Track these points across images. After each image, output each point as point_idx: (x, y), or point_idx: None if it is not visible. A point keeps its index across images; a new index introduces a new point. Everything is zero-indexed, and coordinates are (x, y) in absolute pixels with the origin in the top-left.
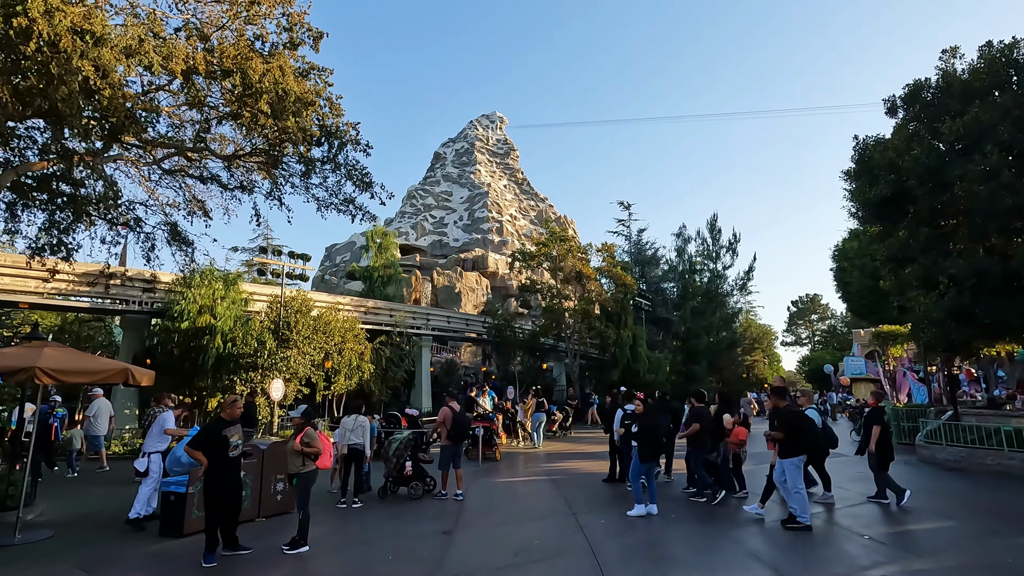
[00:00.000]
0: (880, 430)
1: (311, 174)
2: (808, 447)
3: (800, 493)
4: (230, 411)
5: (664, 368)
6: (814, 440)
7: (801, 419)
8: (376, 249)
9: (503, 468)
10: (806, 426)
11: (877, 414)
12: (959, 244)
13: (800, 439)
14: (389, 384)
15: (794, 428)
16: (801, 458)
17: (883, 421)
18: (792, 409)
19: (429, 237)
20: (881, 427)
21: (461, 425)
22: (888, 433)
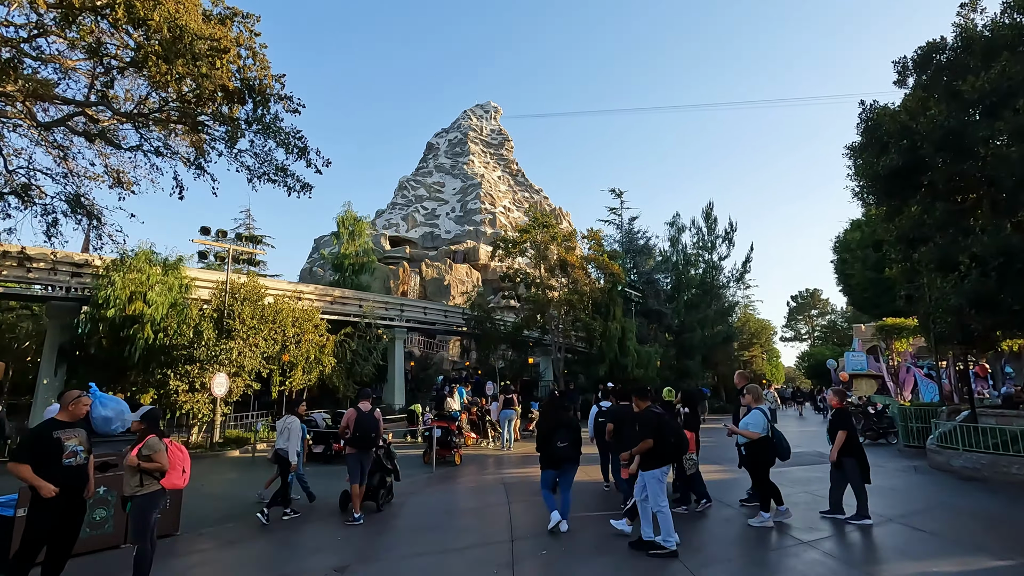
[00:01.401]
0: (847, 435)
1: (237, 137)
2: (673, 454)
3: (663, 512)
4: (72, 409)
5: (654, 363)
6: (679, 447)
7: (665, 423)
8: (347, 235)
9: (458, 475)
10: (673, 431)
11: (843, 417)
12: (982, 220)
13: (664, 447)
14: (356, 379)
15: (658, 434)
16: (664, 470)
17: (851, 424)
18: (653, 411)
19: (420, 229)
20: (849, 432)
21: (364, 429)
22: (856, 438)
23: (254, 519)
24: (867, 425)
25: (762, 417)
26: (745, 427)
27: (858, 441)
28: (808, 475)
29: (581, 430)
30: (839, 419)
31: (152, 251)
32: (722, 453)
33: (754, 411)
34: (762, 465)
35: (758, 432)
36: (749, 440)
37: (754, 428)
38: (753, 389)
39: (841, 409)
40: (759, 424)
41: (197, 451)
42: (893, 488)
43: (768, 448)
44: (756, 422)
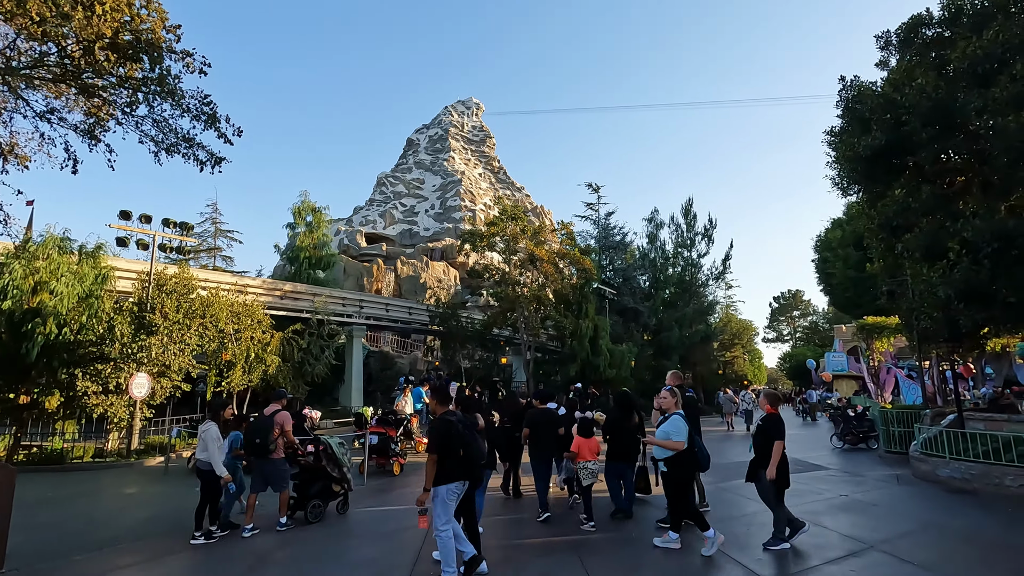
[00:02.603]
0: (782, 447)
1: (136, 103)
2: (469, 470)
3: (442, 538)
4: None
5: (628, 362)
6: (472, 461)
7: (458, 434)
8: (304, 227)
9: (390, 488)
10: (466, 443)
11: (775, 424)
12: (972, 204)
13: (452, 461)
14: (307, 379)
15: (444, 446)
16: (451, 487)
17: (783, 433)
18: (446, 419)
19: (398, 226)
20: (784, 443)
21: (248, 433)
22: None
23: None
24: (847, 429)
25: (683, 424)
26: (665, 436)
27: (784, 454)
28: None
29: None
30: (771, 427)
31: (66, 238)
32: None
33: (673, 417)
34: (683, 483)
35: (681, 442)
36: (671, 452)
37: (676, 437)
38: (675, 391)
39: (773, 415)
40: (681, 432)
41: (106, 460)
42: (875, 504)
43: (690, 461)
44: (677, 430)
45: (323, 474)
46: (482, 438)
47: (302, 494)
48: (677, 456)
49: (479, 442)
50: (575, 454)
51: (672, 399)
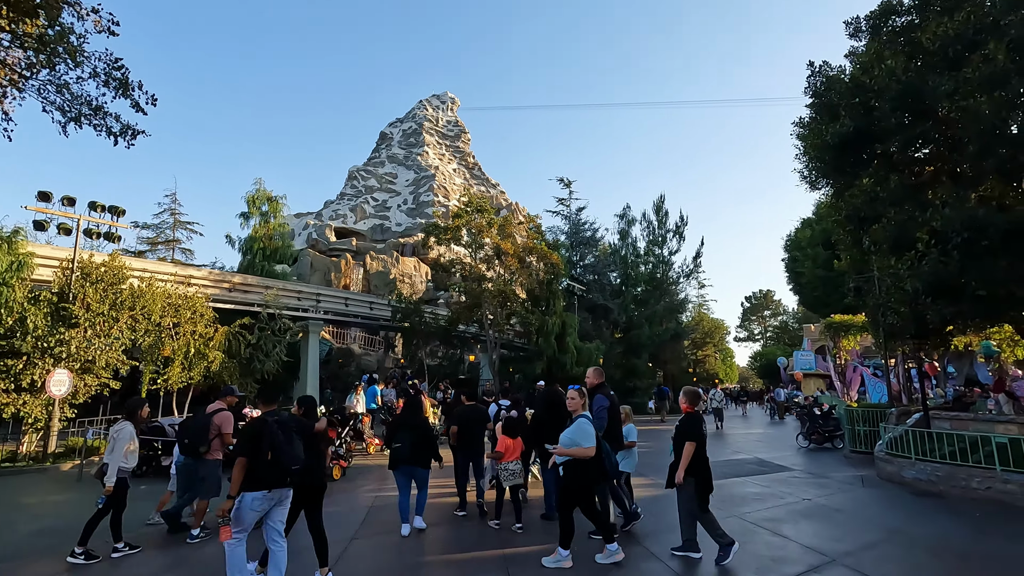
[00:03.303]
0: (696, 447)
1: (36, 66)
2: (279, 476)
3: (232, 548)
4: None
5: (595, 360)
6: (282, 467)
7: (267, 436)
8: (259, 216)
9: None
10: (276, 447)
11: (692, 423)
12: (942, 193)
13: (259, 466)
14: (256, 377)
15: (252, 448)
16: (256, 496)
17: (700, 434)
18: (262, 419)
19: (370, 221)
20: (698, 443)
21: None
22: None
23: None
24: (812, 428)
25: (590, 428)
26: (570, 444)
27: (704, 455)
28: (745, 491)
29: (432, 433)
30: (686, 427)
31: None
32: (653, 460)
33: (579, 420)
34: (585, 491)
35: (590, 448)
36: (572, 458)
37: (584, 443)
38: (583, 391)
39: (692, 414)
40: (589, 437)
41: (16, 465)
42: (839, 509)
43: (594, 469)
44: (585, 435)
45: None
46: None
47: None
48: (579, 462)
49: (294, 447)
50: (500, 454)
51: (580, 400)
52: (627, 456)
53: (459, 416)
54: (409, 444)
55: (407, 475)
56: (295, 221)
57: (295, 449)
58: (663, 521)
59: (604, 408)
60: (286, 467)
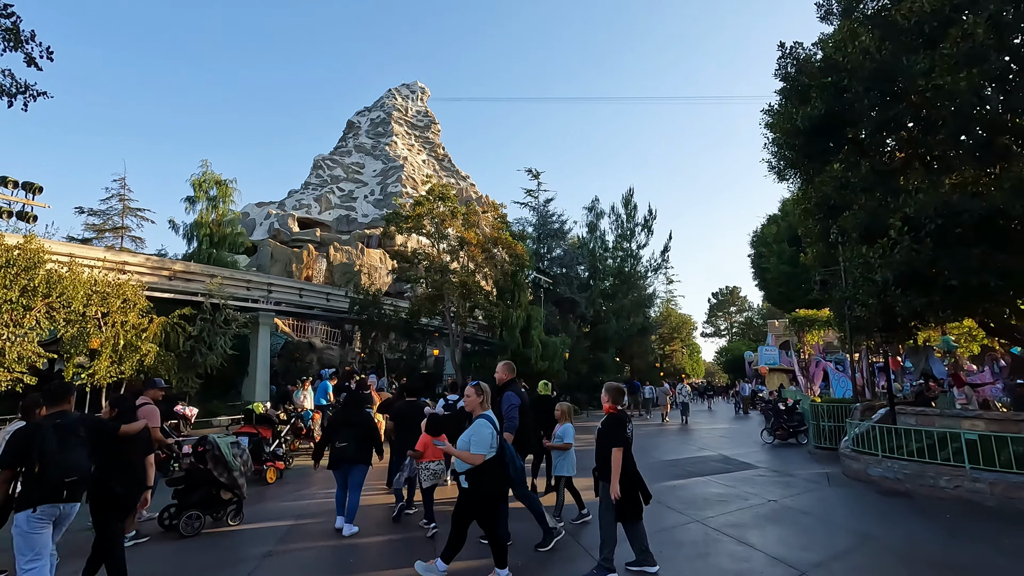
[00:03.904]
0: (623, 453)
1: None
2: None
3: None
4: None
5: (561, 354)
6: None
7: (35, 442)
8: (206, 201)
9: (256, 500)
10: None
11: (614, 426)
12: (915, 180)
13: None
14: (198, 371)
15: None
16: (28, 515)
17: (624, 438)
18: (36, 424)
19: (335, 211)
20: (625, 448)
21: None
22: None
23: None
24: (777, 424)
25: (488, 431)
26: (464, 446)
27: (631, 461)
28: (709, 491)
29: (375, 429)
30: (610, 429)
31: None
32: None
33: (477, 421)
34: (487, 502)
35: (480, 455)
36: (470, 466)
37: (477, 448)
38: (482, 387)
39: (614, 414)
40: (483, 441)
41: None
42: (806, 512)
43: (498, 476)
44: (480, 439)
45: (207, 479)
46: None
47: (181, 503)
48: (480, 469)
49: (71, 454)
50: (420, 453)
51: (476, 398)
52: (563, 458)
53: (396, 413)
54: (354, 442)
55: (346, 473)
56: (256, 210)
57: (72, 457)
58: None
59: (515, 407)
60: (55, 479)
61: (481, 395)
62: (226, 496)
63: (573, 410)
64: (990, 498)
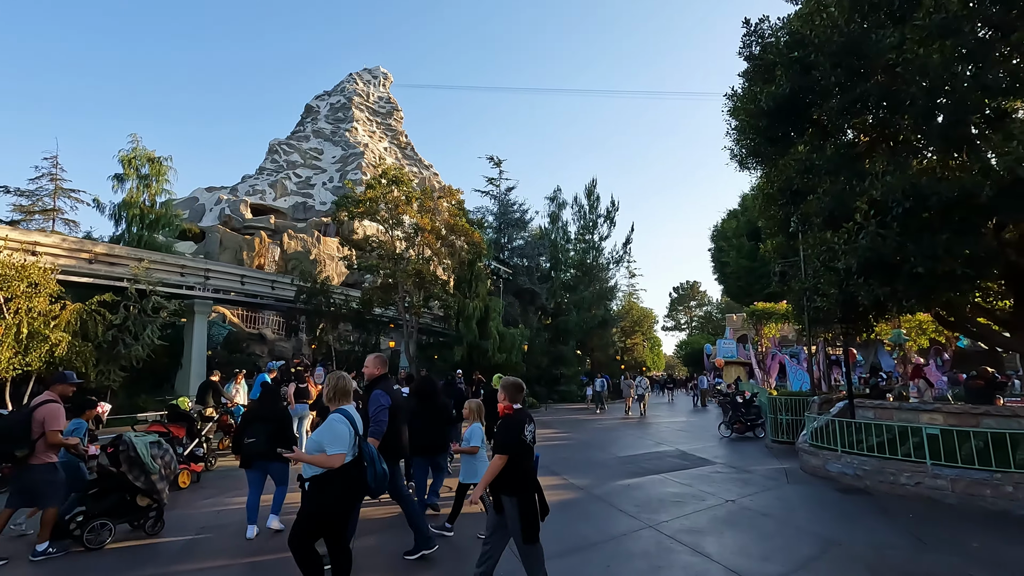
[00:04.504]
0: (513, 459)
1: None
2: None
3: None
4: None
5: (519, 346)
6: None
7: None
8: (137, 179)
9: (168, 506)
10: None
11: (508, 427)
12: (882, 162)
13: None
14: (120, 363)
15: None
16: None
17: (516, 442)
18: None
19: (291, 198)
20: (515, 455)
21: None
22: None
23: None
24: (735, 417)
25: (345, 429)
26: (316, 448)
27: (528, 468)
28: (664, 491)
29: (289, 423)
30: (501, 434)
31: None
32: (572, 456)
33: (331, 418)
34: (332, 517)
35: (337, 456)
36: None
37: (332, 448)
38: (340, 383)
39: (508, 416)
40: (338, 440)
41: None
42: (765, 514)
43: (350, 484)
44: (334, 437)
45: (120, 484)
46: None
47: (88, 510)
48: (329, 476)
49: None
50: None
51: (332, 390)
52: (470, 462)
53: (319, 409)
54: (265, 437)
55: (262, 471)
56: (206, 195)
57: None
58: (569, 540)
59: (383, 409)
60: None
61: (339, 386)
62: (143, 503)
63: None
64: (951, 495)
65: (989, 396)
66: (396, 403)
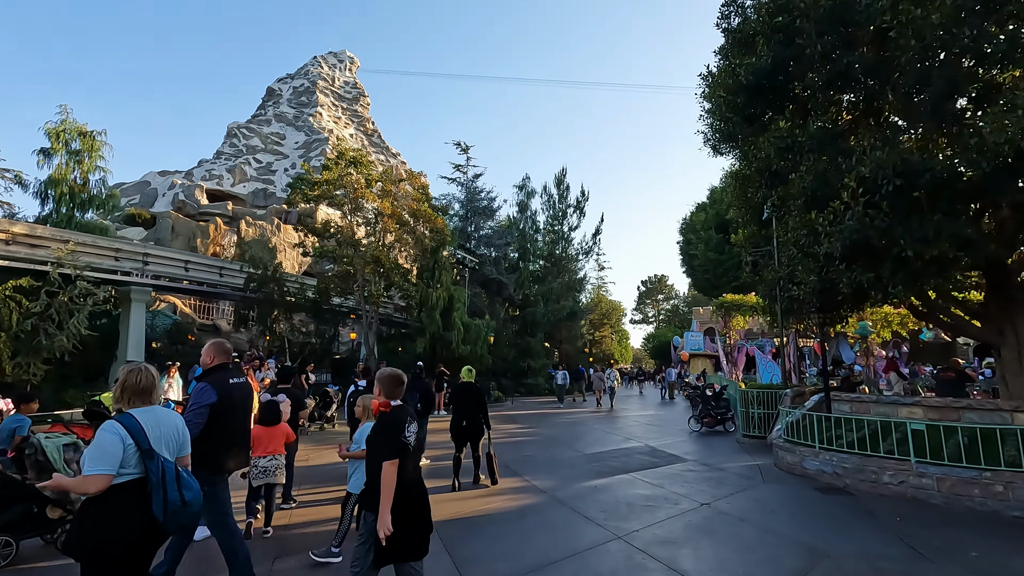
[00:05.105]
0: (397, 469)
1: None
2: None
3: None
4: None
5: (485, 338)
6: None
7: None
8: (67, 154)
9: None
10: None
11: (389, 426)
12: (870, 138)
13: None
14: (42, 355)
15: None
16: None
17: (399, 445)
18: None
19: (251, 184)
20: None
21: None
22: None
23: None
24: (705, 411)
25: (117, 442)
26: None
27: (406, 476)
28: (634, 494)
29: None
30: (380, 434)
31: None
32: (537, 453)
33: (104, 427)
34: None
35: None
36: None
37: (94, 467)
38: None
39: (386, 414)
40: (105, 456)
41: None
42: (743, 518)
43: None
44: (100, 452)
45: (24, 493)
46: None
47: None
48: (98, 501)
49: None
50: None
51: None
52: (359, 468)
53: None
54: None
55: None
56: (159, 179)
57: None
58: (525, 557)
59: (203, 408)
60: None
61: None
62: (55, 514)
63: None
64: (937, 495)
65: (960, 388)
66: (230, 401)
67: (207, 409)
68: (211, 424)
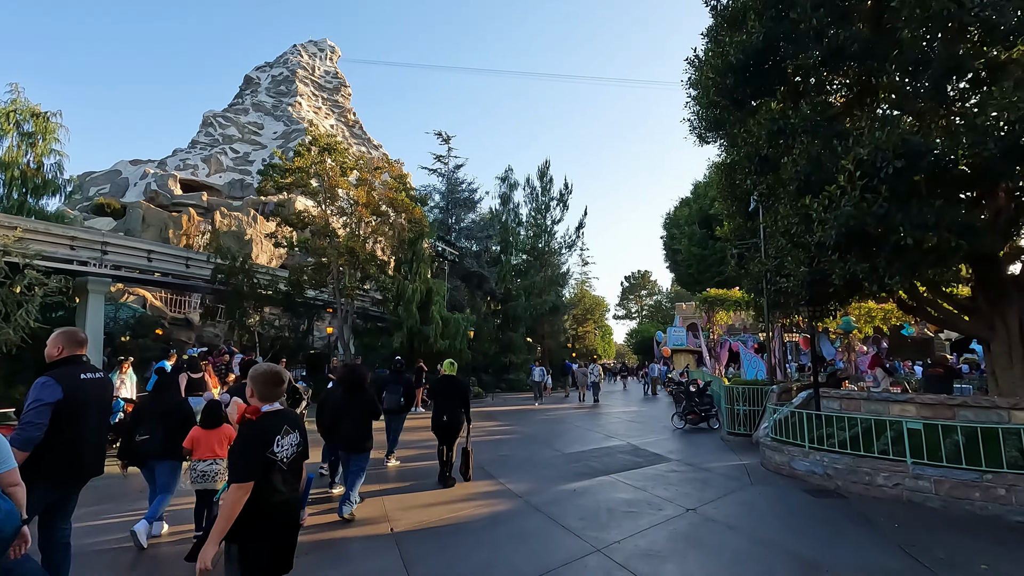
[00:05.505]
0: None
1: None
2: None
3: None
4: None
5: (464, 332)
6: None
7: None
8: (18, 135)
9: None
10: None
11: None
12: (867, 119)
13: None
14: None
15: None
16: None
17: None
18: None
19: (227, 175)
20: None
21: None
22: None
23: None
24: (688, 407)
25: None
26: None
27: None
28: (615, 498)
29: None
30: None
31: None
32: (515, 452)
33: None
34: None
35: None
36: None
37: None
38: None
39: (250, 423)
40: None
41: None
42: (732, 525)
43: None
44: None
45: None
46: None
47: None
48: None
49: None
50: (189, 450)
51: None
52: None
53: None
54: (162, 434)
55: (151, 471)
56: (131, 168)
57: None
58: None
59: (43, 407)
60: None
61: None
62: None
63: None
64: (934, 498)
65: (948, 385)
66: (81, 400)
67: (49, 408)
68: (56, 427)
